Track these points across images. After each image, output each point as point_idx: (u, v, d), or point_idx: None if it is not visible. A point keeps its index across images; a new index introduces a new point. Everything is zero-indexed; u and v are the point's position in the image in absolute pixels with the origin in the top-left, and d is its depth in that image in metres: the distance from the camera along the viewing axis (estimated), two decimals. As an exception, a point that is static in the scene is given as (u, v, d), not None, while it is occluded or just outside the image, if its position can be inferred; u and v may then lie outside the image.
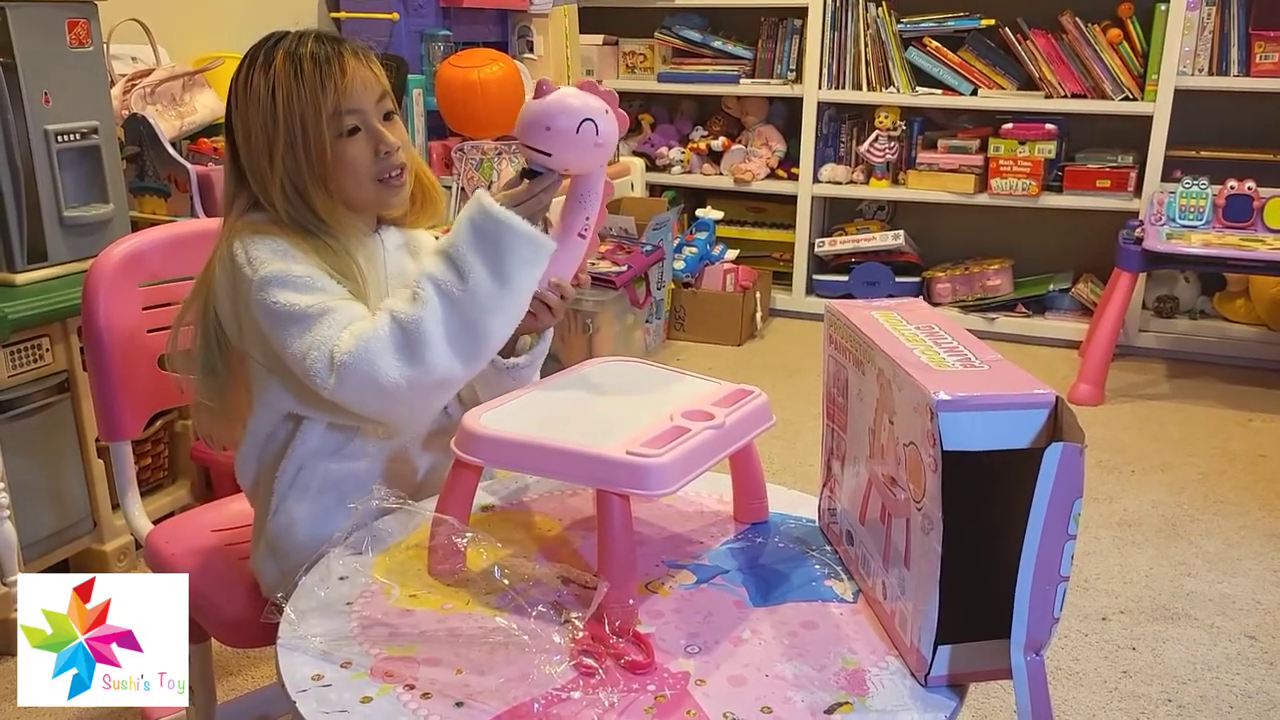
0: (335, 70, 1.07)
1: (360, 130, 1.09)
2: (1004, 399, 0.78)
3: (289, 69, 1.06)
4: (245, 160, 1.10)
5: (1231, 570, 2.13)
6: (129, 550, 2.04)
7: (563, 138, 1.04)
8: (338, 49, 1.08)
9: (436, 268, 1.02)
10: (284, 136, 1.06)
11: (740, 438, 1.00)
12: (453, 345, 1.01)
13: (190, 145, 2.27)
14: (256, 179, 1.09)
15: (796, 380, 3.15)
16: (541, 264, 1.04)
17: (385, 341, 1.00)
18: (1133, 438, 2.80)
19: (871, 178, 3.76)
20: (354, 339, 1.01)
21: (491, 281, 1.01)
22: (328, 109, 1.06)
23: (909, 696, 0.81)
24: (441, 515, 0.96)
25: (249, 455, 1.17)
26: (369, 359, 1.00)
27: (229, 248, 1.08)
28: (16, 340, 1.79)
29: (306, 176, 1.07)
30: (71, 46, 1.90)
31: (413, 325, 1.00)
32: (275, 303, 1.03)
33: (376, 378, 1.00)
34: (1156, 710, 1.70)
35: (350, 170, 1.09)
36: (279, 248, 1.06)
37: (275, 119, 1.06)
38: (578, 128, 1.04)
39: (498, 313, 1.02)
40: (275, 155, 1.07)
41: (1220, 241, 2.95)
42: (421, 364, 1.00)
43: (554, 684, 0.81)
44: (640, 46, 4.03)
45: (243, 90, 1.08)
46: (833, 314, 1.01)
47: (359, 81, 1.08)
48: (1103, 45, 3.38)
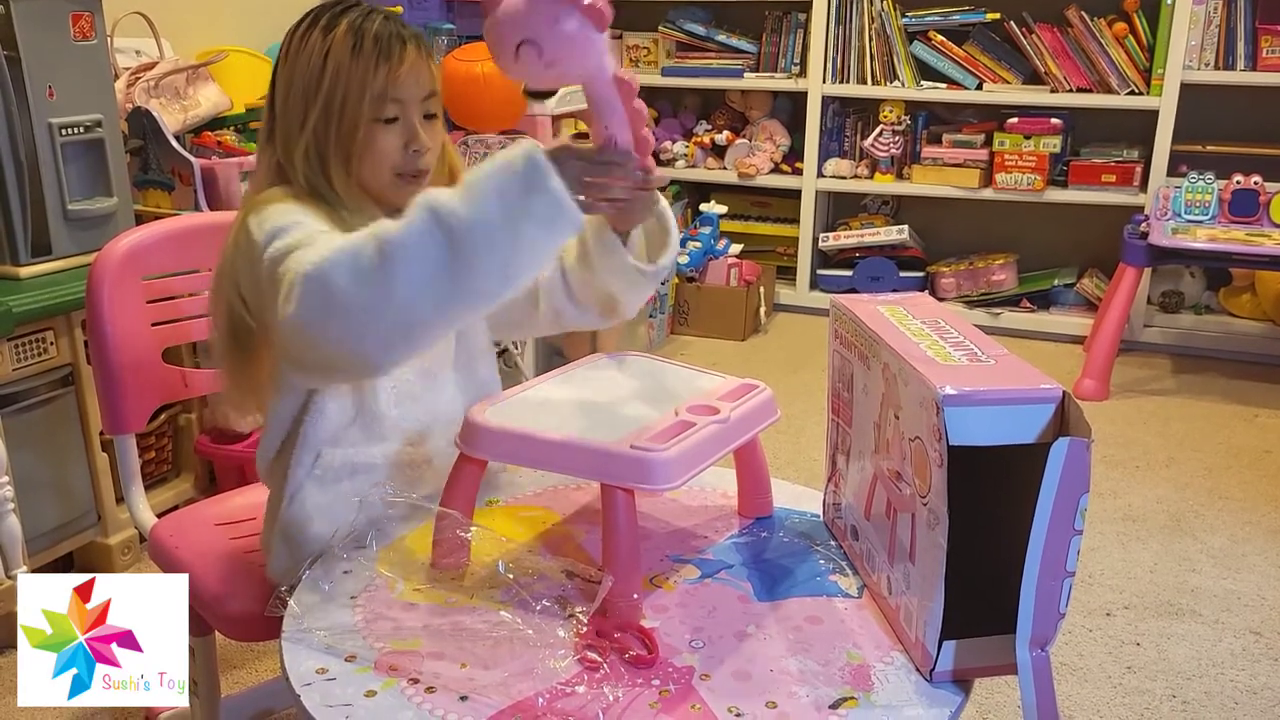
0: (395, 55, 1.05)
1: (398, 120, 1.07)
2: (1010, 394, 0.78)
3: (349, 39, 1.04)
4: (279, 114, 1.08)
5: (1236, 566, 2.12)
6: (133, 544, 2.04)
7: (508, 66, 0.91)
8: (402, 35, 1.06)
9: (444, 192, 0.90)
10: (322, 102, 1.04)
11: (745, 432, 1.00)
12: (427, 280, 0.87)
13: (194, 139, 2.27)
14: (284, 137, 1.07)
15: (801, 375, 3.15)
16: (560, 233, 0.91)
17: (353, 255, 0.89)
18: (1137, 433, 2.79)
19: (876, 172, 3.75)
20: (322, 253, 0.91)
21: (500, 228, 0.88)
22: (373, 90, 1.04)
23: (914, 692, 0.81)
24: (446, 509, 0.96)
25: (269, 439, 1.16)
26: (328, 270, 0.89)
27: (244, 222, 1.06)
28: (21, 334, 1.79)
29: (331, 147, 1.06)
30: (75, 40, 1.90)
31: (389, 243, 0.88)
32: (273, 252, 0.98)
33: (331, 292, 0.88)
34: (1161, 706, 1.70)
35: (375, 156, 1.07)
36: (286, 206, 1.04)
37: (319, 82, 1.04)
38: (515, 51, 0.88)
39: (490, 265, 0.88)
40: (309, 117, 1.05)
41: (1226, 236, 2.94)
42: (383, 287, 0.87)
43: (558, 678, 0.81)
44: (644, 40, 4.02)
45: (296, 45, 1.06)
46: (838, 308, 1.01)
47: (413, 74, 1.06)
48: (1108, 39, 3.37)
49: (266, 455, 1.17)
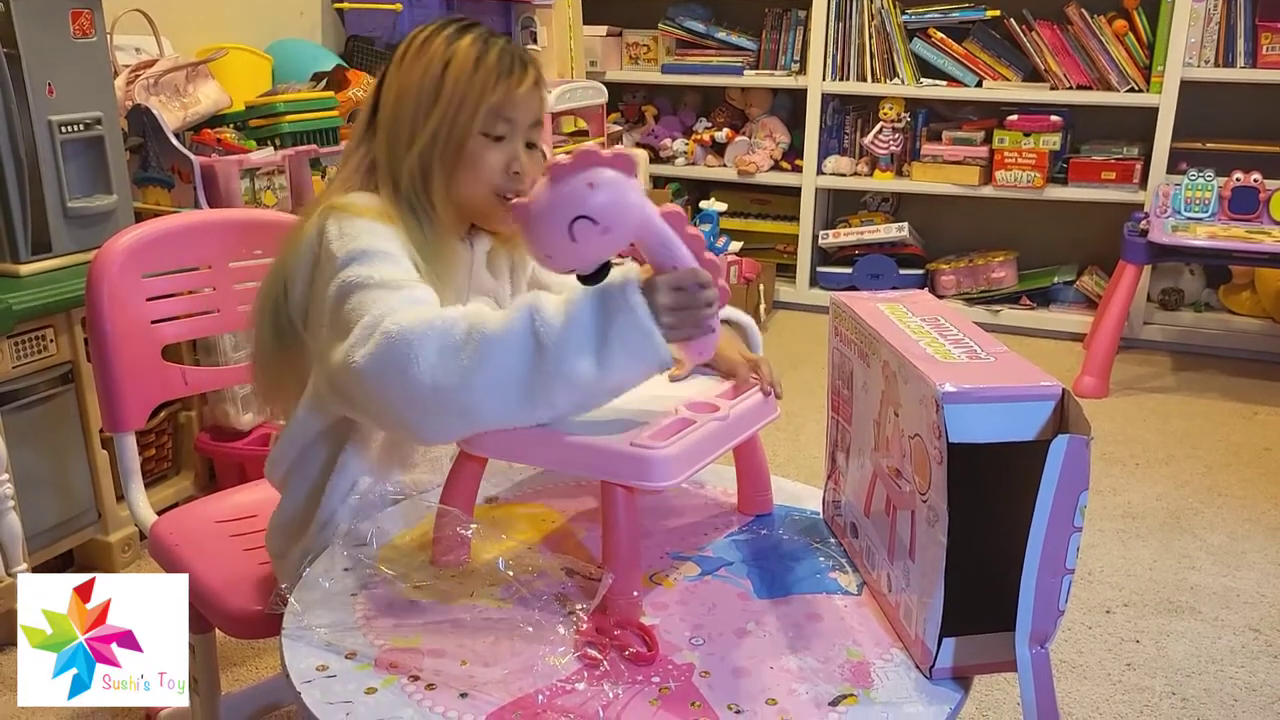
0: (515, 74, 1.06)
1: (504, 140, 1.07)
2: (1010, 391, 0.78)
3: (473, 51, 1.05)
4: (387, 119, 1.08)
5: (1236, 563, 2.13)
6: (133, 541, 2.04)
7: (565, 252, 0.88)
8: (524, 62, 1.08)
9: (544, 305, 0.88)
10: (439, 108, 1.04)
11: (745, 430, 1.00)
12: (504, 383, 0.87)
13: (194, 136, 2.27)
14: (390, 138, 1.07)
15: (800, 372, 3.15)
16: (645, 366, 0.89)
17: (442, 334, 0.87)
18: (1137, 430, 2.80)
19: (876, 169, 3.75)
20: (412, 317, 0.89)
21: (590, 355, 0.86)
22: (490, 104, 1.05)
23: (914, 689, 0.81)
24: (446, 506, 0.96)
25: (287, 444, 1.12)
26: (415, 341, 0.87)
27: (321, 222, 1.03)
28: (21, 331, 1.79)
29: (438, 157, 1.05)
30: (75, 37, 1.90)
31: (483, 336, 0.87)
32: (351, 278, 0.97)
33: (409, 362, 0.87)
34: (1160, 703, 1.70)
35: (477, 171, 1.07)
36: (374, 228, 1.02)
37: (438, 90, 1.05)
38: (570, 232, 0.86)
39: (570, 385, 0.87)
40: (421, 122, 1.05)
41: (1226, 234, 2.94)
42: (461, 377, 0.86)
43: (558, 675, 0.81)
44: (644, 38, 4.02)
45: (417, 50, 1.07)
46: (838, 306, 1.01)
47: (529, 98, 1.08)
48: (1108, 36, 3.36)
49: (282, 461, 1.13)
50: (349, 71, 2.59)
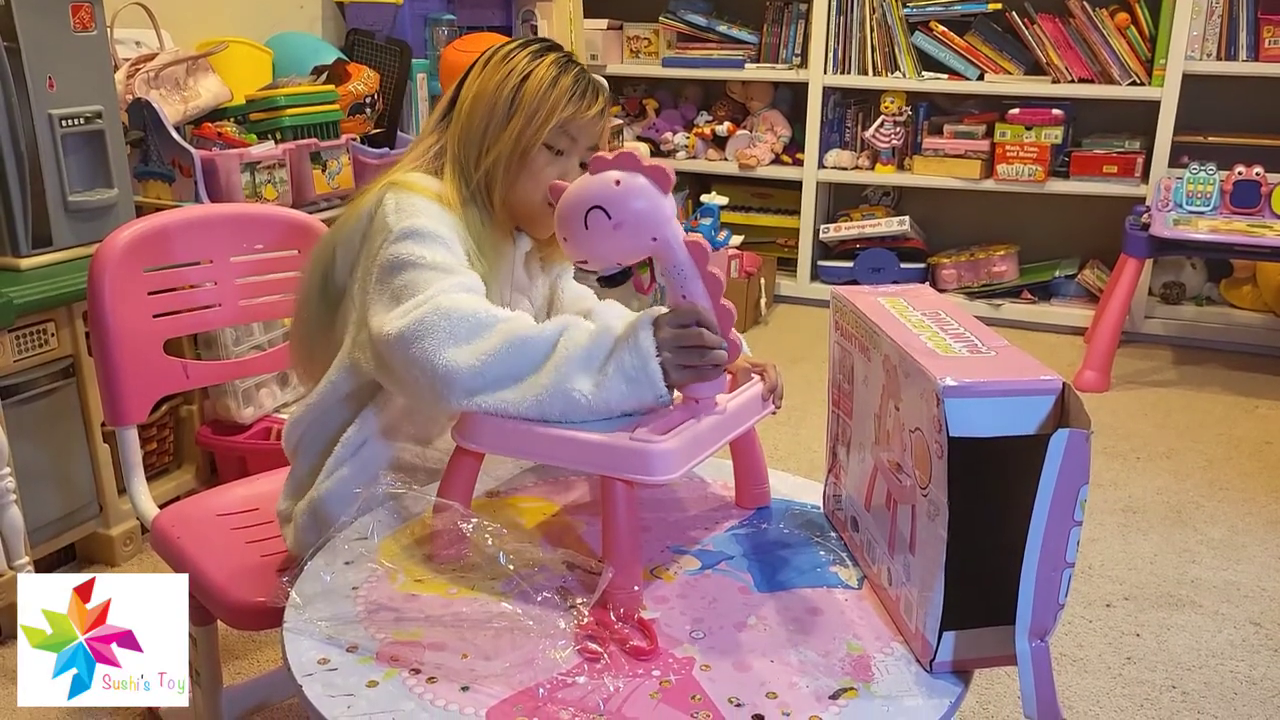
0: (586, 99, 1.14)
1: (564, 155, 1.14)
2: (1011, 385, 0.78)
3: (552, 70, 1.13)
4: (463, 115, 1.14)
5: (1236, 557, 2.13)
6: (135, 535, 2.05)
7: (578, 238, 0.92)
8: (596, 91, 1.16)
9: (577, 327, 0.94)
10: (517, 118, 1.11)
11: (743, 422, 1.00)
12: (522, 375, 0.93)
13: (194, 130, 2.26)
14: (464, 138, 1.14)
15: (801, 367, 3.15)
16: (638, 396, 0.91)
17: (480, 321, 0.94)
18: (1138, 424, 2.80)
19: (877, 163, 3.74)
20: (464, 298, 0.97)
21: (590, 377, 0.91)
22: (558, 118, 1.11)
23: (914, 682, 0.81)
24: (444, 500, 0.96)
25: (314, 407, 1.16)
26: (453, 323, 0.94)
27: (382, 193, 1.10)
28: (22, 325, 1.79)
29: (504, 161, 1.12)
30: (75, 30, 1.89)
31: (514, 333, 0.93)
32: (404, 254, 1.02)
33: (441, 346, 0.93)
34: (1160, 697, 1.70)
35: (533, 179, 1.13)
36: (431, 209, 1.08)
37: (516, 98, 1.12)
38: (584, 220, 0.91)
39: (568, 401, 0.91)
40: (497, 128, 1.12)
41: (1227, 227, 2.93)
42: (487, 358, 0.92)
43: (559, 669, 0.82)
44: (645, 31, 4.01)
45: (501, 58, 1.15)
46: (839, 300, 1.01)
47: (593, 121, 1.15)
48: (1110, 30, 3.36)
49: (302, 422, 1.18)
50: (349, 65, 2.58)
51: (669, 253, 0.91)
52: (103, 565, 2.03)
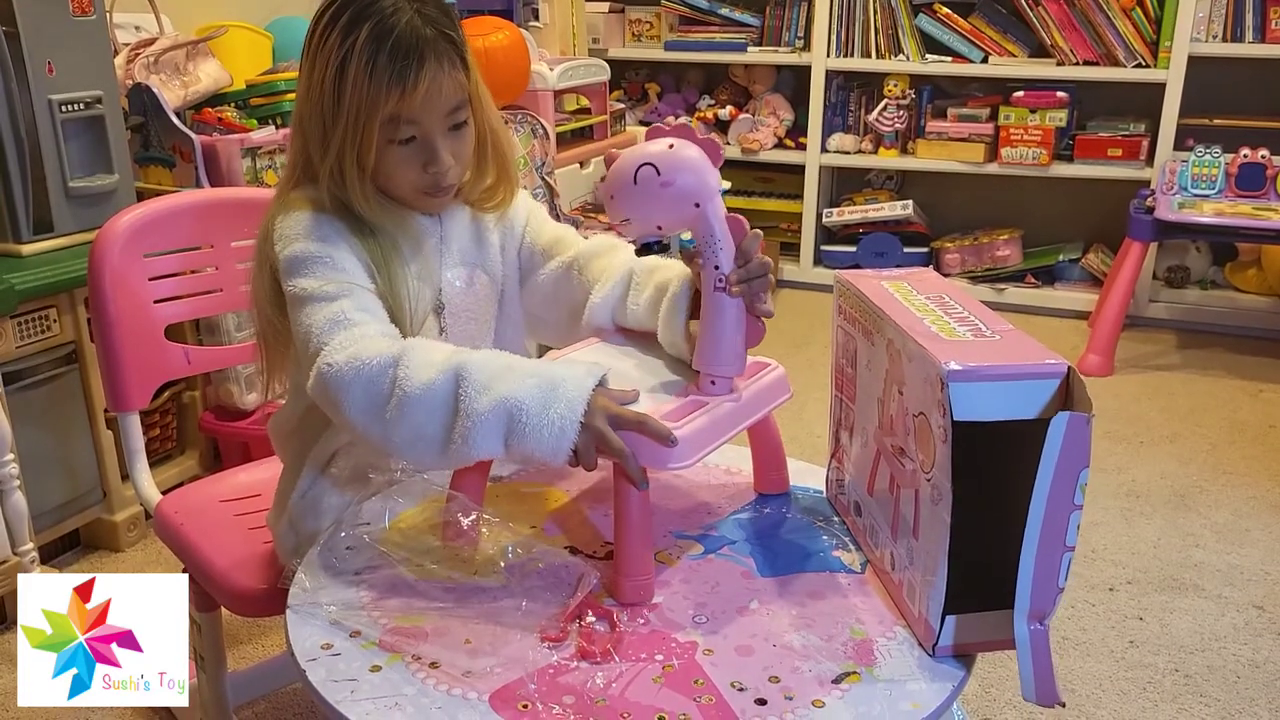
0: (410, 76, 0.97)
1: (415, 140, 1.02)
2: (1015, 369, 0.77)
3: (366, 52, 0.97)
4: (298, 115, 1.05)
5: (1240, 541, 2.13)
6: (139, 520, 2.05)
7: (626, 194, 0.93)
8: (420, 49, 0.97)
9: (477, 365, 0.90)
10: (342, 122, 0.99)
11: (757, 410, 1.00)
12: (422, 439, 0.90)
13: (194, 115, 2.26)
14: (307, 139, 1.04)
15: (804, 352, 3.15)
16: (546, 456, 0.88)
17: (368, 383, 0.91)
18: (1142, 408, 2.79)
19: (880, 147, 3.72)
20: (345, 358, 0.93)
21: (500, 440, 0.88)
22: (385, 112, 0.99)
23: (916, 666, 0.81)
24: (454, 491, 0.96)
25: (289, 409, 1.16)
26: (345, 384, 0.92)
27: (270, 222, 1.05)
28: (24, 311, 1.80)
29: (349, 165, 1.01)
30: (74, 15, 1.89)
31: (405, 395, 0.90)
32: (293, 289, 1.00)
33: (340, 406, 0.93)
34: (1163, 680, 1.70)
35: (394, 178, 1.04)
36: (308, 224, 1.02)
37: (336, 99, 0.99)
38: (635, 175, 0.91)
39: (476, 452, 0.90)
40: (330, 134, 1.01)
41: (1233, 210, 2.92)
42: (385, 430, 0.91)
43: (562, 654, 0.82)
44: (646, 14, 3.99)
45: (317, 42, 1.00)
46: (842, 284, 1.00)
47: (431, 93, 0.99)
48: (1115, 11, 3.33)
49: (284, 425, 1.17)
50: (350, 49, 2.57)
51: (707, 225, 0.93)
52: (107, 551, 2.04)
